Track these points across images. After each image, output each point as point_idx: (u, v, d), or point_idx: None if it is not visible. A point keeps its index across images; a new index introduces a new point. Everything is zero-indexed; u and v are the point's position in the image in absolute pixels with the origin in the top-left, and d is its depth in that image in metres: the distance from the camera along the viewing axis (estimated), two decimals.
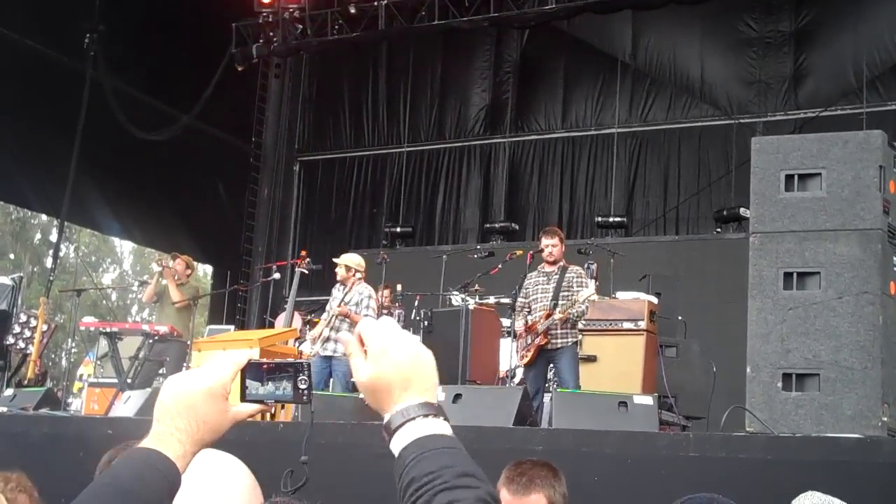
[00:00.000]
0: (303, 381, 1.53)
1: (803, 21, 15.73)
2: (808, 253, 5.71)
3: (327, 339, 9.90)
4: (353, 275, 10.18)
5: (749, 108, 15.96)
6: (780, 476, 5.03)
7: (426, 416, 1.43)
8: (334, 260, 10.34)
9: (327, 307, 10.32)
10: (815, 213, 5.74)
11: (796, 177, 5.84)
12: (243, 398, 1.55)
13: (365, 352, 1.49)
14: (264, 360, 1.56)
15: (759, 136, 7.88)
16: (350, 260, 10.28)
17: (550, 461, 3.39)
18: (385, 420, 1.45)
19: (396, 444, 1.42)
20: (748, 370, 5.72)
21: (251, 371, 1.55)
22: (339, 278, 10.21)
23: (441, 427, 1.43)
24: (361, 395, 1.57)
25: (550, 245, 9.21)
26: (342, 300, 10.03)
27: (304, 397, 1.53)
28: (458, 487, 1.34)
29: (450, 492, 1.33)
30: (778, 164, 5.89)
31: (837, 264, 5.61)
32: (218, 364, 1.53)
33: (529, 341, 8.98)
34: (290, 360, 1.57)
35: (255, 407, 1.55)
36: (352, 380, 1.61)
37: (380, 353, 1.47)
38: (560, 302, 8.87)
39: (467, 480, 1.35)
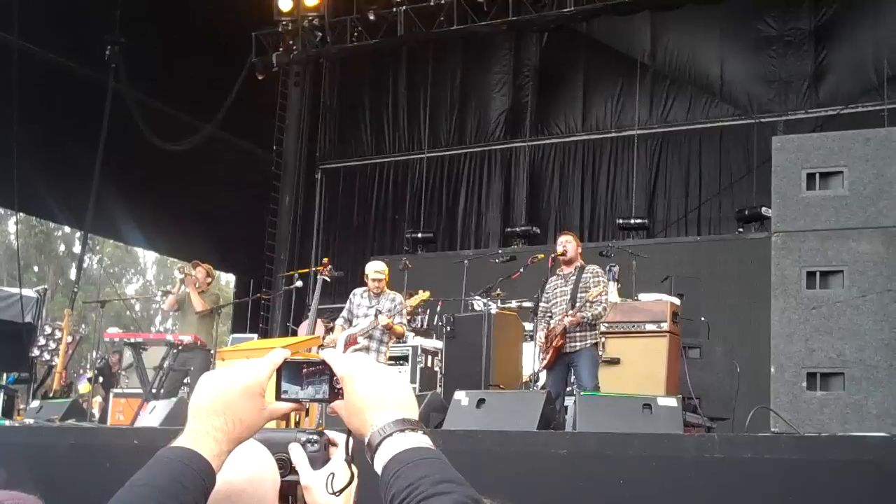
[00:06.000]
0: (338, 381, 1.53)
1: (823, 18, 15.66)
2: (831, 252, 5.68)
3: (360, 349, 9.82)
4: (385, 283, 10.16)
5: (769, 107, 15.88)
6: (806, 476, 5.01)
7: (403, 430, 1.43)
8: (373, 272, 10.03)
9: (347, 314, 10.20)
10: (838, 212, 5.70)
11: (818, 175, 5.80)
12: (278, 397, 1.54)
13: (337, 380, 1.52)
14: (301, 359, 1.56)
15: (780, 135, 7.83)
16: (385, 269, 10.20)
17: None
18: (366, 441, 1.46)
19: (378, 462, 1.42)
20: (772, 370, 5.69)
21: (287, 370, 1.55)
22: (375, 290, 10.03)
23: (420, 440, 1.43)
24: None
25: (564, 242, 9.25)
26: (376, 309, 9.92)
27: (341, 396, 1.53)
28: (436, 495, 1.34)
29: (427, 501, 1.33)
30: (799, 163, 5.86)
31: (860, 262, 5.58)
32: (254, 362, 1.52)
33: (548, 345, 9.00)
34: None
35: (291, 405, 1.54)
36: None
37: (348, 378, 1.50)
38: (578, 304, 8.88)
39: (444, 486, 1.35)
